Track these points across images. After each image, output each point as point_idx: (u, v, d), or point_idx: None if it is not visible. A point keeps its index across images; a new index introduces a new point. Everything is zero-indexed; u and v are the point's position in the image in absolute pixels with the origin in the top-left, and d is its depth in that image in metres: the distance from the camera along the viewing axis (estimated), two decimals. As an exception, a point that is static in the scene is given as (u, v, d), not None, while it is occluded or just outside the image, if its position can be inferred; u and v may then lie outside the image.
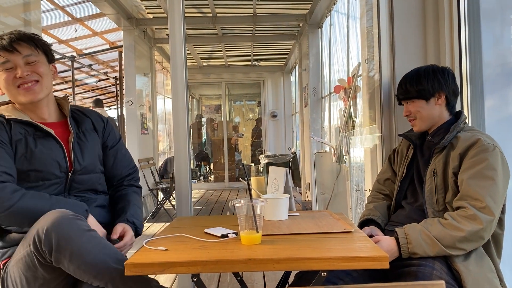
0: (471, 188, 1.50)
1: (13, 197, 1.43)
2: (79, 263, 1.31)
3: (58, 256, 1.31)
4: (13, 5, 2.94)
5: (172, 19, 2.17)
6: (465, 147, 1.57)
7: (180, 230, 1.50)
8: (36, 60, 1.59)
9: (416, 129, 1.76)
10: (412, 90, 1.71)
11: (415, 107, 1.72)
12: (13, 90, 1.57)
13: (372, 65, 2.61)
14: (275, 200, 1.60)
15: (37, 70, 1.58)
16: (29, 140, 1.57)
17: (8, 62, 1.55)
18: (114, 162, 1.80)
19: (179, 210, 2.13)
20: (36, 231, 1.33)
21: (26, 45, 1.57)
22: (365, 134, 2.63)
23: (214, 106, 13.17)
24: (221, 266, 1.18)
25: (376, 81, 2.37)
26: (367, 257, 1.16)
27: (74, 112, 1.75)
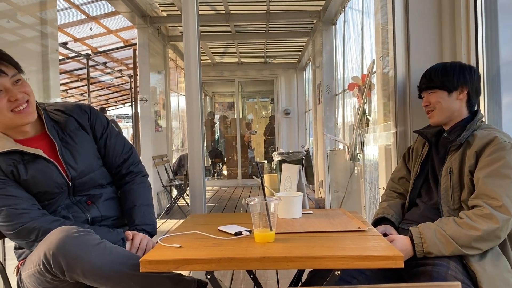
0: (487, 187, 1.48)
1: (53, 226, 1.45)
2: (94, 278, 1.32)
3: (71, 275, 1.31)
4: (30, 4, 2.98)
5: (186, 17, 2.17)
6: (482, 145, 1.55)
7: (194, 227, 1.51)
8: (20, 79, 1.51)
9: (432, 121, 1.74)
10: (436, 80, 1.70)
11: (436, 98, 1.70)
12: (7, 115, 1.48)
13: (386, 61, 2.59)
14: (289, 198, 1.60)
15: (24, 89, 1.51)
16: (20, 169, 1.51)
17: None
18: (106, 151, 1.72)
19: (193, 207, 2.14)
20: (44, 253, 1.32)
21: (8, 65, 1.48)
22: (379, 131, 2.61)
23: (227, 103, 13.19)
24: (235, 264, 1.19)
25: (391, 78, 2.35)
26: (381, 256, 1.15)
27: (55, 114, 1.66)
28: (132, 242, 1.58)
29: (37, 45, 2.99)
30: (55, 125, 1.63)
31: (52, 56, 3.07)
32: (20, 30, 2.86)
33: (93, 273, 1.32)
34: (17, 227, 1.47)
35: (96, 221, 1.64)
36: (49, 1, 3.11)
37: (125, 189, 1.75)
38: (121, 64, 9.12)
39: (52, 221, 1.50)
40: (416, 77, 2.13)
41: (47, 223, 1.49)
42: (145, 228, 1.66)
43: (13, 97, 1.47)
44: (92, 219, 1.63)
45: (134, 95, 7.86)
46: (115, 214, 1.71)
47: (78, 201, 1.64)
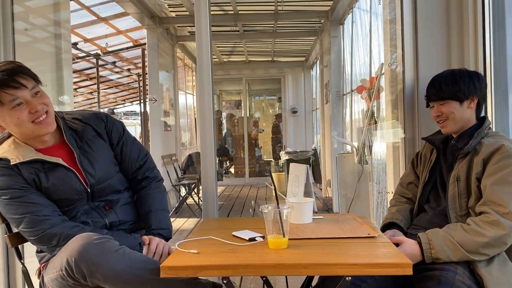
0: (494, 194, 1.52)
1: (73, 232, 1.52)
2: (115, 283, 1.37)
3: (92, 280, 1.37)
4: (43, 5, 3.04)
5: (199, 19, 2.21)
6: (489, 152, 1.59)
7: (209, 233, 1.56)
8: (39, 91, 1.56)
9: (446, 130, 1.75)
10: (447, 91, 1.69)
11: (448, 108, 1.70)
12: (28, 126, 1.53)
13: (394, 58, 2.61)
14: (300, 204, 1.65)
15: (43, 101, 1.55)
16: (41, 177, 1.57)
17: (17, 98, 1.49)
18: (122, 158, 1.77)
19: (205, 211, 2.20)
20: (66, 260, 1.38)
21: (28, 77, 1.53)
22: (387, 128, 2.64)
23: (234, 101, 13.24)
24: (251, 270, 1.24)
25: (400, 82, 2.38)
26: (391, 264, 1.20)
27: (73, 122, 1.71)
28: (149, 247, 1.63)
29: (51, 46, 3.07)
30: (73, 134, 1.69)
31: (65, 56, 3.15)
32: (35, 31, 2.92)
33: (113, 278, 1.37)
34: (39, 233, 1.54)
35: (114, 225, 1.70)
36: (62, 2, 3.18)
37: (141, 194, 1.80)
38: (130, 63, 9.21)
39: (72, 227, 1.56)
40: (424, 83, 2.17)
41: (67, 229, 1.55)
42: (161, 232, 1.72)
43: (34, 109, 1.52)
44: (110, 224, 1.69)
45: (143, 94, 7.95)
46: (132, 218, 1.76)
47: (97, 207, 1.69)
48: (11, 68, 1.50)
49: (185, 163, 7.74)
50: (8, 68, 1.50)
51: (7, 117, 1.52)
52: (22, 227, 1.55)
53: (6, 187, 1.54)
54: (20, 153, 1.57)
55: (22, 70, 1.53)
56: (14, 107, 1.50)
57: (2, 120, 1.54)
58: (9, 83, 1.47)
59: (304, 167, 5.67)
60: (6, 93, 1.48)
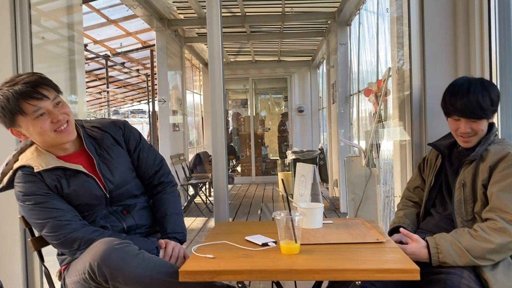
0: (501, 201, 1.56)
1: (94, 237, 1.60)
2: (135, 286, 1.44)
3: (114, 283, 1.44)
4: (57, 8, 3.12)
5: (211, 21, 2.27)
6: (496, 160, 1.63)
7: (222, 237, 1.62)
8: (60, 101, 1.62)
9: (468, 145, 1.74)
10: (488, 111, 1.67)
11: (479, 126, 1.69)
12: (50, 135, 1.60)
13: (401, 55, 2.64)
14: (311, 210, 1.71)
15: (64, 110, 1.62)
16: (63, 183, 1.64)
17: (40, 109, 1.56)
18: (139, 164, 1.84)
19: (217, 215, 2.26)
20: (89, 264, 1.45)
21: (49, 88, 1.59)
22: (393, 126, 2.68)
23: (240, 100, 13.30)
24: (265, 275, 1.30)
25: (407, 87, 2.42)
26: (399, 270, 1.26)
27: (92, 130, 1.77)
28: (165, 250, 1.70)
29: (64, 48, 3.15)
30: (93, 141, 1.76)
31: (78, 58, 3.23)
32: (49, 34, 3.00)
33: (134, 281, 1.44)
34: (61, 237, 1.61)
35: (131, 229, 1.77)
36: (75, 5, 3.26)
37: (157, 199, 1.87)
38: (139, 64, 9.30)
39: (92, 232, 1.63)
40: (431, 90, 2.22)
41: (88, 233, 1.62)
42: (176, 236, 1.79)
43: (55, 119, 1.59)
44: (128, 228, 1.76)
45: (152, 94, 8.04)
46: (148, 222, 1.83)
47: (115, 211, 1.76)
48: (34, 80, 1.57)
49: (192, 163, 7.82)
50: (31, 80, 1.57)
51: (31, 127, 1.59)
52: (45, 232, 1.62)
53: (30, 193, 1.61)
54: (43, 160, 1.64)
55: (44, 82, 1.60)
56: (37, 117, 1.57)
57: (26, 130, 1.61)
58: (32, 95, 1.54)
59: (311, 167, 5.71)
60: (30, 104, 1.55)
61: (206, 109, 10.47)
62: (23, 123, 1.59)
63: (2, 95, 1.55)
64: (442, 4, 2.24)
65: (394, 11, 3.06)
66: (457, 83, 1.74)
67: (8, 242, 2.19)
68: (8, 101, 1.54)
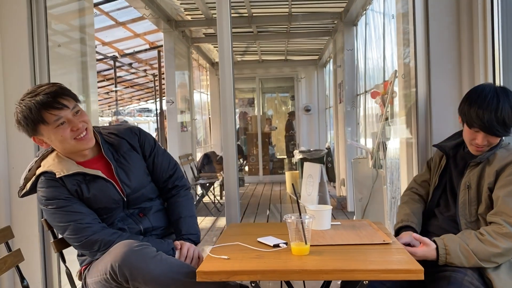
0: (507, 206, 1.61)
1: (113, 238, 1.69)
2: (154, 285, 1.53)
3: (134, 283, 1.53)
4: (69, 11, 3.21)
5: (221, 22, 2.34)
6: (503, 165, 1.67)
7: (235, 238, 1.70)
8: (79, 109, 1.70)
9: (480, 154, 1.75)
10: (510, 128, 1.67)
11: (496, 140, 1.71)
12: (71, 142, 1.68)
13: (407, 52, 2.68)
14: (320, 212, 1.78)
15: (83, 119, 1.70)
16: (83, 188, 1.72)
17: (61, 118, 1.64)
18: (154, 168, 1.91)
19: (228, 216, 2.34)
20: (110, 265, 1.53)
21: (69, 98, 1.67)
22: (400, 124, 2.73)
23: (247, 99, 13.38)
24: (277, 275, 1.38)
25: (412, 68, 2.44)
26: (404, 270, 1.33)
27: (109, 137, 1.85)
28: (181, 251, 1.78)
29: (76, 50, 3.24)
30: (110, 148, 1.84)
31: (89, 59, 3.33)
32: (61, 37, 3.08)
33: (152, 281, 1.52)
34: (82, 239, 1.69)
35: (148, 231, 1.85)
36: (87, 8, 3.35)
37: (171, 202, 1.95)
38: (146, 64, 9.41)
39: (111, 234, 1.72)
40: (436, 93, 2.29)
41: (107, 236, 1.70)
42: (190, 237, 1.87)
43: (75, 127, 1.67)
44: (144, 230, 1.84)
45: (160, 94, 8.14)
46: (163, 224, 1.91)
47: (131, 214, 1.84)
48: (54, 90, 1.66)
49: (200, 162, 7.90)
50: (52, 91, 1.65)
51: (52, 135, 1.68)
52: (66, 234, 1.71)
53: (53, 197, 1.70)
54: (64, 166, 1.73)
55: (64, 92, 1.68)
56: (58, 126, 1.65)
57: (47, 138, 1.70)
58: (53, 105, 1.63)
59: (319, 167, 5.79)
60: (51, 113, 1.63)
61: (213, 108, 10.56)
62: (45, 132, 1.67)
63: (24, 106, 1.64)
64: (446, 3, 2.30)
65: (400, 8, 3.11)
66: (485, 93, 1.67)
67: (28, 243, 2.28)
68: (30, 111, 1.63)
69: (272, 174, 10.32)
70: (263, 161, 10.37)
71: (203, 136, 9.86)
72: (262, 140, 10.36)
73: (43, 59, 2.52)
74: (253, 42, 8.11)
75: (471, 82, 2.22)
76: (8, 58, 2.48)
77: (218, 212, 6.50)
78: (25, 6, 2.47)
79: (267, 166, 10.41)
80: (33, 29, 2.50)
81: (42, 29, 2.52)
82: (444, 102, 2.30)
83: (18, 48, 2.48)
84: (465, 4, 2.25)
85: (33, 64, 2.50)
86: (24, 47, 2.48)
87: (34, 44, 2.51)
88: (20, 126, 1.68)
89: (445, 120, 2.27)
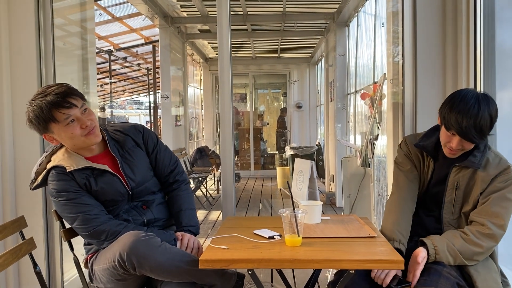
0: (493, 208, 1.72)
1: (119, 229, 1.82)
2: (159, 272, 1.67)
3: (140, 270, 1.67)
4: (71, 5, 3.30)
5: (220, 21, 2.47)
6: (497, 173, 1.75)
7: (233, 230, 1.84)
8: (86, 108, 1.81)
9: (453, 157, 1.79)
10: (486, 136, 1.70)
11: (470, 146, 1.74)
12: (80, 139, 1.80)
13: (396, 52, 2.81)
14: (312, 207, 1.93)
15: (91, 117, 1.82)
16: (91, 181, 1.84)
17: (70, 116, 1.75)
18: (156, 164, 2.03)
19: (225, 209, 2.48)
20: (119, 254, 1.66)
21: (77, 98, 1.78)
22: (388, 132, 2.87)
23: (239, 94, 13.48)
24: (272, 264, 1.53)
25: (400, 67, 2.58)
26: (387, 260, 1.49)
27: (115, 134, 1.97)
28: (181, 242, 1.91)
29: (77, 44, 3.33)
30: (116, 144, 1.96)
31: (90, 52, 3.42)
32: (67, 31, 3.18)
33: (158, 268, 1.66)
34: (90, 229, 1.82)
35: (150, 222, 1.98)
36: (88, 2, 3.44)
37: (172, 195, 2.08)
38: (140, 58, 9.47)
39: (117, 225, 1.85)
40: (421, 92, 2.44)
41: (114, 226, 1.83)
42: (190, 229, 2.00)
43: (84, 124, 1.80)
44: (147, 221, 1.97)
45: (154, 88, 8.21)
46: (165, 216, 2.04)
47: (135, 206, 1.97)
48: (63, 91, 1.77)
49: (193, 157, 8.02)
50: (61, 91, 1.77)
51: (62, 133, 1.79)
52: (76, 224, 1.84)
53: (63, 190, 1.82)
54: (74, 161, 1.85)
55: (73, 92, 1.80)
56: (68, 123, 1.77)
57: (57, 135, 1.81)
58: (63, 104, 1.74)
59: (309, 163, 5.93)
60: (61, 112, 1.75)
61: (206, 103, 10.67)
62: (55, 130, 1.79)
63: (35, 106, 1.75)
64: (433, 6, 2.44)
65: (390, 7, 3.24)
66: (467, 99, 1.67)
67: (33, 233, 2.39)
68: (42, 110, 1.74)
69: (264, 169, 10.48)
70: (254, 156, 10.52)
71: (196, 131, 9.97)
72: (254, 135, 10.49)
73: (49, 56, 2.62)
74: (247, 39, 8.22)
75: (454, 82, 2.37)
76: (15, 55, 2.58)
77: (210, 206, 6.64)
78: (32, 5, 2.56)
79: (259, 161, 10.56)
80: (40, 27, 2.59)
81: (49, 27, 2.62)
82: (428, 101, 2.44)
83: (25, 45, 2.58)
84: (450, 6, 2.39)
85: (39, 61, 2.60)
86: (31, 45, 2.58)
87: (41, 41, 2.60)
88: (31, 124, 1.79)
89: (430, 118, 2.39)
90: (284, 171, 8.25)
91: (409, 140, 1.96)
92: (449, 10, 2.42)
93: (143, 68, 10.10)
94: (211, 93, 10.81)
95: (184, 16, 6.73)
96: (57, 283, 2.64)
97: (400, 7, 2.57)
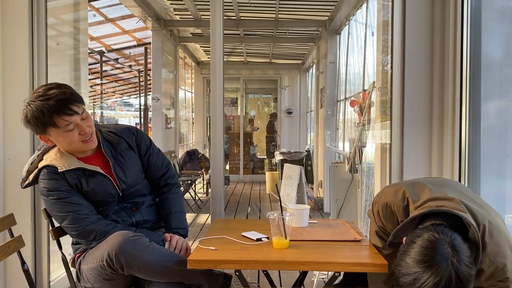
0: None
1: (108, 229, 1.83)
2: (147, 272, 1.69)
3: (128, 270, 1.68)
4: (64, 5, 3.30)
5: (213, 25, 2.51)
6: None
7: (222, 232, 1.87)
8: (87, 114, 1.83)
9: None
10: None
11: None
12: (78, 144, 1.82)
13: (386, 60, 2.87)
14: (299, 211, 1.97)
15: (89, 123, 1.83)
16: (82, 182, 1.85)
17: (71, 123, 1.76)
18: (148, 166, 2.04)
19: (213, 212, 2.51)
20: (107, 253, 1.67)
21: (79, 104, 1.79)
22: (377, 129, 2.91)
23: (230, 99, 13.52)
24: (259, 265, 1.56)
25: (389, 75, 2.64)
26: (371, 263, 1.53)
27: (108, 135, 1.97)
28: (170, 243, 1.93)
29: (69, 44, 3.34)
30: (109, 145, 1.97)
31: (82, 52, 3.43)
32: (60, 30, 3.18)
33: (146, 268, 1.68)
34: (80, 229, 1.83)
35: (139, 224, 1.99)
36: (82, 2, 3.45)
37: (163, 198, 2.10)
38: (132, 60, 9.46)
39: (106, 225, 1.86)
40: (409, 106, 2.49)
41: (103, 226, 1.85)
42: (179, 231, 2.02)
43: (83, 131, 1.81)
44: (136, 222, 1.98)
45: (145, 90, 8.22)
46: (154, 218, 2.06)
47: (125, 207, 1.98)
48: (66, 97, 1.76)
49: (182, 160, 8.01)
50: (64, 98, 1.75)
51: (60, 137, 1.80)
52: (65, 223, 1.84)
53: (54, 189, 1.83)
54: (66, 161, 1.86)
55: (75, 99, 1.79)
56: (67, 129, 1.78)
57: (55, 138, 1.82)
58: (65, 111, 1.74)
59: (298, 168, 5.98)
60: (62, 119, 1.75)
61: (197, 107, 10.68)
62: (54, 134, 1.79)
63: (36, 108, 1.74)
64: (421, 18, 2.50)
65: (381, 16, 3.31)
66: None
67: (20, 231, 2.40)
68: (43, 114, 1.74)
69: (253, 173, 10.51)
70: (244, 161, 10.54)
71: (186, 133, 9.97)
72: (244, 140, 10.52)
73: (41, 55, 2.62)
74: (240, 44, 8.27)
75: (441, 91, 2.42)
76: (7, 53, 2.58)
77: (199, 209, 6.64)
78: (26, 4, 2.57)
79: (248, 166, 10.59)
80: (33, 25, 2.59)
81: (42, 26, 2.62)
82: (416, 109, 2.50)
83: (18, 43, 2.57)
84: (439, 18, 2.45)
85: (31, 59, 2.60)
86: (24, 43, 2.57)
87: (34, 40, 2.59)
88: (28, 124, 1.79)
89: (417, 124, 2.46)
90: (273, 176, 8.29)
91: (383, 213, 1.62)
92: (437, 22, 2.48)
93: (135, 70, 10.09)
94: (202, 96, 10.83)
95: (177, 19, 6.76)
96: (44, 282, 2.64)
97: (390, 17, 2.63)
